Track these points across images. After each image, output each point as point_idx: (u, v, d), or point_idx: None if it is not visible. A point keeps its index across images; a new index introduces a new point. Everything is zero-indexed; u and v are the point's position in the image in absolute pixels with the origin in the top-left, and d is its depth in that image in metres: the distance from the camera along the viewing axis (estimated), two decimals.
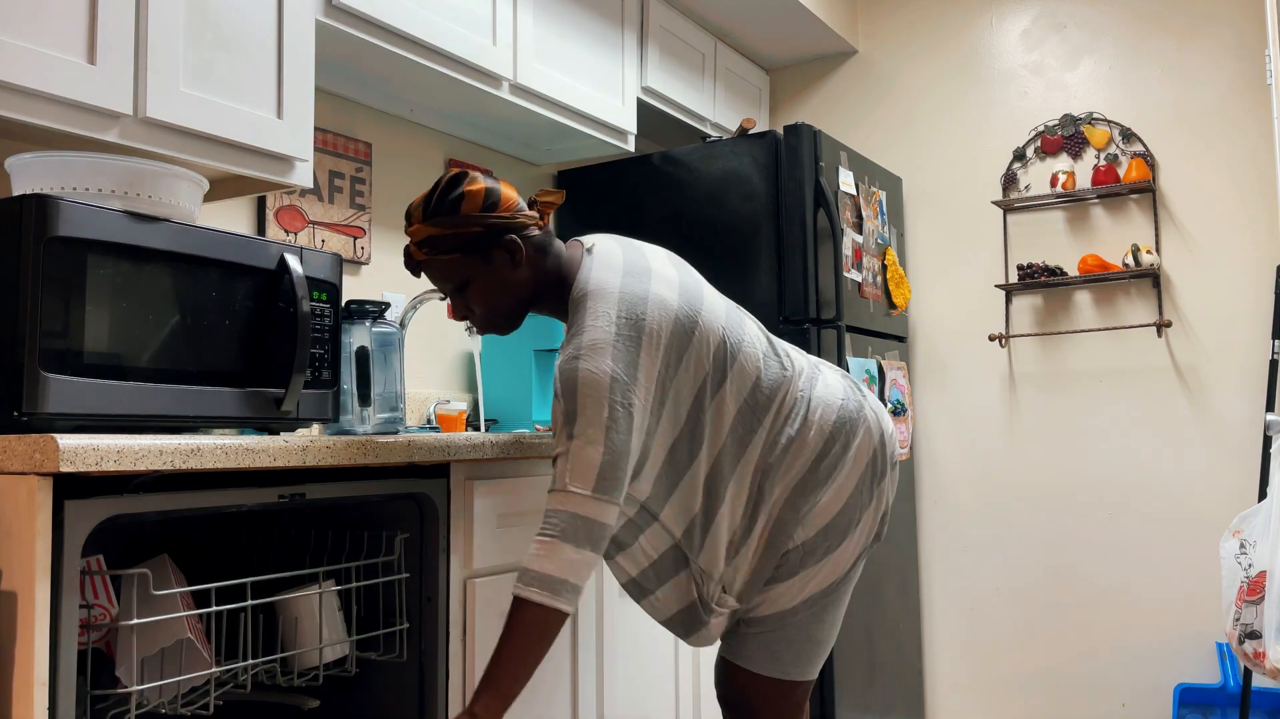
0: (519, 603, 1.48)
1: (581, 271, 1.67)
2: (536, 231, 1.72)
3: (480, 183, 1.68)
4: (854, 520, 1.73)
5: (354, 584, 1.76)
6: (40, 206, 1.41)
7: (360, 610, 1.84)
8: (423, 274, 1.74)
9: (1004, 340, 3.48)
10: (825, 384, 1.76)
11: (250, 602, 1.64)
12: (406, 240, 2.84)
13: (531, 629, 1.47)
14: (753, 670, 1.75)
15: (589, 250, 1.72)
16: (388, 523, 1.85)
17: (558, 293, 1.75)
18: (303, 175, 2.04)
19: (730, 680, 1.79)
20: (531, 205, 1.76)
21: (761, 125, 3.86)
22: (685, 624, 1.74)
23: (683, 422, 1.64)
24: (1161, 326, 3.21)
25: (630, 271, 1.65)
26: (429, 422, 2.76)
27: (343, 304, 1.97)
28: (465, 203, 1.66)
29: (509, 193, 1.70)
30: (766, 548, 1.70)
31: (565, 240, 1.83)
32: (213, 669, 1.54)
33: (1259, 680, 3.00)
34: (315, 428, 2.31)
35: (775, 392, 1.71)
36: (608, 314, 1.59)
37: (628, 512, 1.67)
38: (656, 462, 1.64)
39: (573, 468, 1.52)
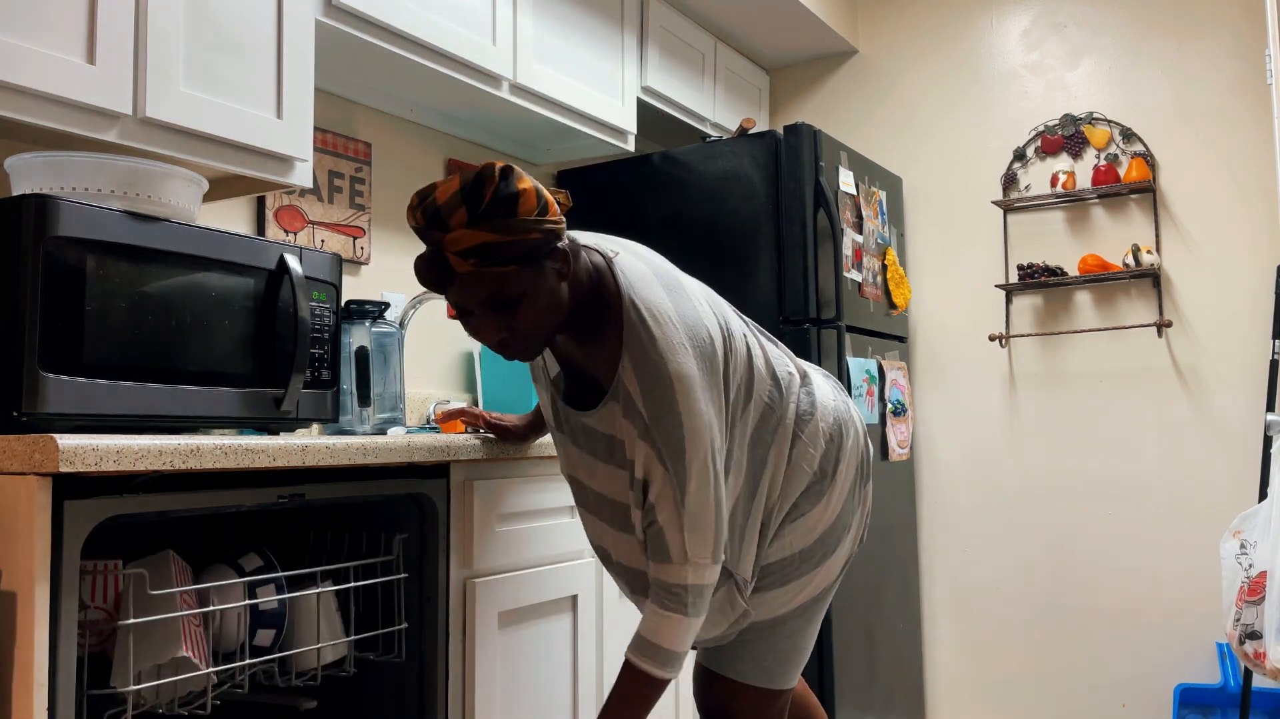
0: (633, 669, 1.48)
1: (622, 283, 1.50)
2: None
3: (527, 180, 1.42)
4: (848, 525, 1.70)
5: (352, 584, 1.76)
6: (40, 206, 1.41)
7: (359, 611, 1.84)
8: (451, 289, 1.43)
9: (1004, 340, 3.48)
10: (818, 385, 1.73)
11: (247, 602, 1.64)
12: (421, 244, 2.83)
13: (640, 693, 1.48)
14: (737, 679, 1.68)
15: (608, 259, 1.54)
16: (387, 523, 1.85)
17: (590, 308, 1.54)
18: (302, 175, 2.04)
19: (713, 690, 1.72)
20: None
21: (761, 125, 3.86)
22: (730, 628, 1.66)
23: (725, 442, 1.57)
24: (1162, 326, 3.21)
25: (668, 286, 1.52)
26: (429, 422, 2.76)
27: (342, 304, 1.97)
28: (521, 203, 1.40)
29: (549, 195, 1.48)
30: (771, 548, 1.66)
31: None
32: (209, 669, 1.54)
33: (1259, 681, 3.00)
34: (315, 428, 2.31)
35: (786, 390, 1.65)
36: (682, 344, 1.46)
37: None
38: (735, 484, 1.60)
39: (694, 535, 1.45)
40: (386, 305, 2.11)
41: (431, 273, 1.43)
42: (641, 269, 1.54)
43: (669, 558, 1.46)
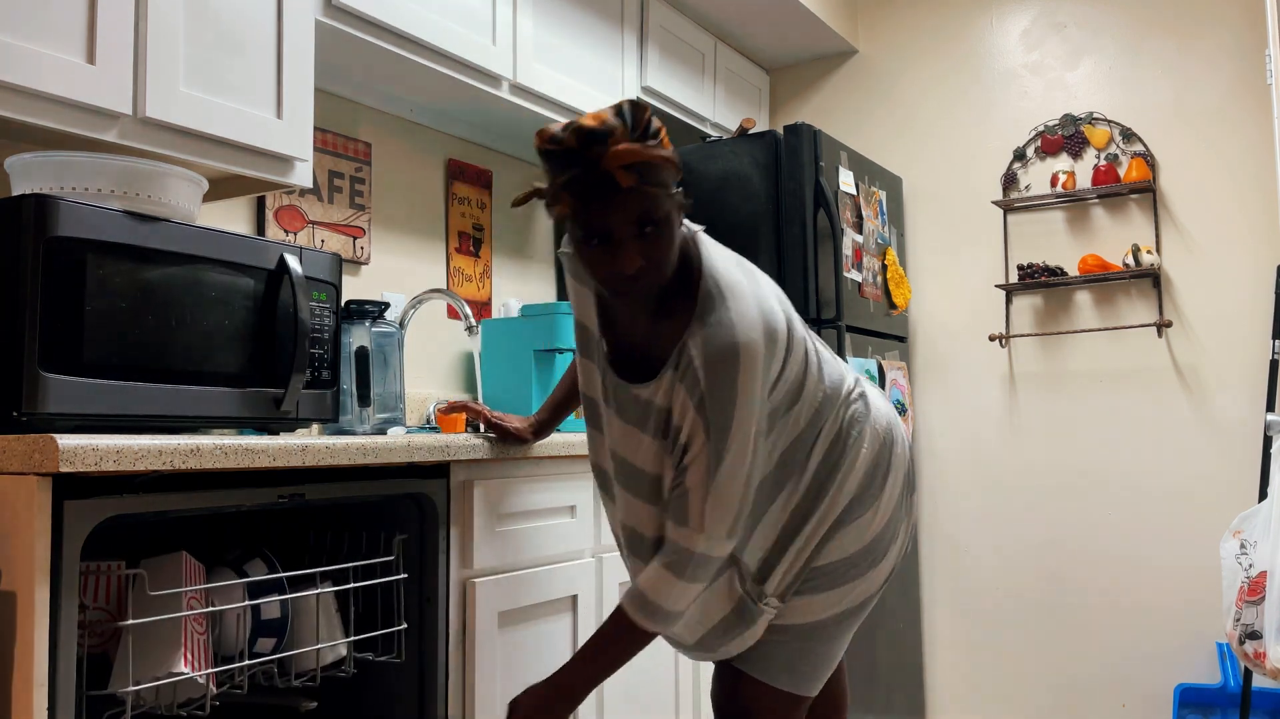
0: (621, 616, 1.53)
1: (704, 256, 1.55)
2: None
3: (653, 116, 1.49)
4: (895, 534, 1.69)
5: (352, 585, 1.75)
6: (40, 206, 1.41)
7: (359, 611, 1.84)
8: (604, 208, 1.43)
9: (1004, 340, 3.48)
10: (869, 391, 1.74)
11: (248, 602, 1.64)
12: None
13: (623, 639, 1.54)
14: (764, 681, 1.65)
15: (693, 232, 1.60)
16: (387, 523, 1.85)
17: (680, 268, 1.57)
18: (302, 175, 2.04)
19: (737, 689, 1.68)
20: None
21: (761, 125, 3.86)
22: (728, 629, 1.63)
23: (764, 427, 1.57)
24: (1162, 327, 3.21)
25: (745, 271, 1.57)
26: (429, 422, 2.76)
27: (342, 304, 1.97)
28: (664, 133, 1.48)
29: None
30: (814, 552, 1.64)
31: None
32: (209, 671, 1.54)
33: (1259, 681, 2.99)
34: (315, 428, 2.31)
35: (838, 393, 1.66)
36: (754, 320, 1.48)
37: None
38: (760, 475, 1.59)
39: (715, 506, 1.47)
40: (386, 305, 2.11)
41: (588, 188, 1.43)
42: (722, 250, 1.59)
43: (687, 522, 1.48)
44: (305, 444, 1.52)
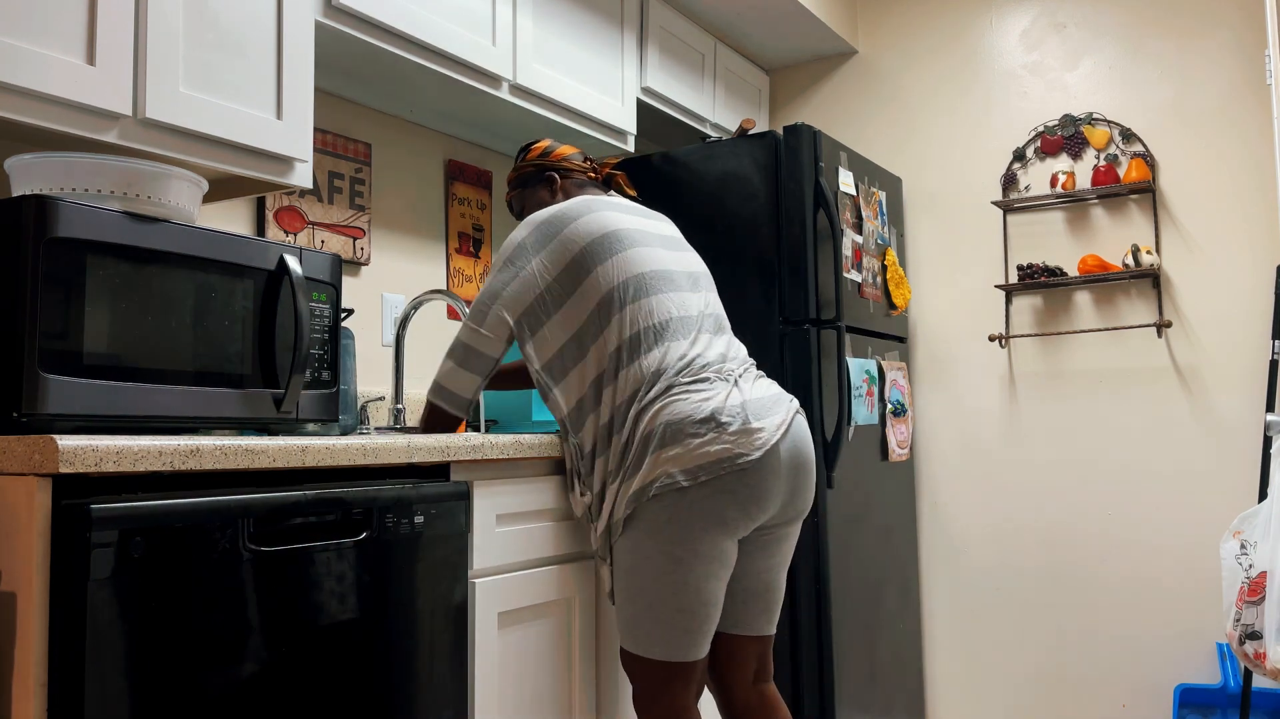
0: (428, 407, 2.03)
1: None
2: (583, 178, 2.22)
3: (543, 143, 2.26)
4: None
5: None
6: (40, 207, 1.41)
7: None
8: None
9: (1004, 341, 3.48)
10: (721, 387, 1.88)
11: None
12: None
13: (427, 419, 2.02)
14: (624, 648, 1.92)
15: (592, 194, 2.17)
16: None
17: None
18: (302, 176, 2.04)
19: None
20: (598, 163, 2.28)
21: (761, 126, 3.86)
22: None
23: (584, 319, 1.93)
24: (1161, 327, 3.21)
25: (576, 204, 2.04)
26: None
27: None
28: (529, 154, 2.25)
29: (564, 150, 2.23)
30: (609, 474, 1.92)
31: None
32: None
33: (1259, 681, 3.00)
34: (314, 428, 2.31)
35: (631, 361, 1.90)
36: (528, 221, 2.05)
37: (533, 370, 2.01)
38: (557, 340, 1.95)
39: (474, 304, 2.01)
40: (349, 312, 2.12)
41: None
42: (590, 199, 2.07)
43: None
44: (305, 444, 1.53)
